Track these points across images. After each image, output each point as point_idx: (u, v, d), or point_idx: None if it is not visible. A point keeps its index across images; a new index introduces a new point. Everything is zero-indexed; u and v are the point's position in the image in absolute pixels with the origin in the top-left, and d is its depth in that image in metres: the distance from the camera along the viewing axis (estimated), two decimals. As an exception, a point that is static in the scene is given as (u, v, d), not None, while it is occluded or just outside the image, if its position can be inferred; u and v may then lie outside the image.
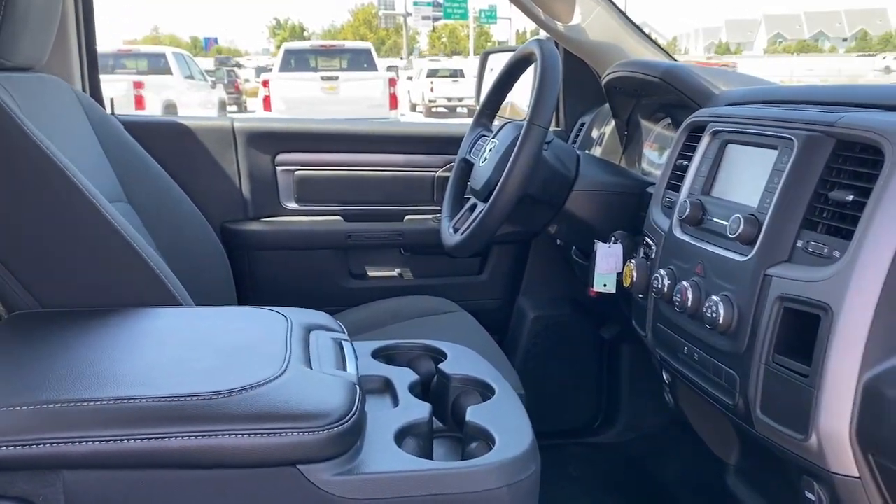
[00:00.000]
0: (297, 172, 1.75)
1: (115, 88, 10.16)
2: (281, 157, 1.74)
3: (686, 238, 1.07)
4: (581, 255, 1.55)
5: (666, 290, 1.06)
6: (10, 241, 0.98)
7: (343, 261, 1.80)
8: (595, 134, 1.74)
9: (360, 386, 0.83)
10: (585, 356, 1.87)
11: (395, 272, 1.85)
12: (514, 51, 1.49)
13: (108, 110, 1.66)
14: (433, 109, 18.45)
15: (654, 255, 1.16)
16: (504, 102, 1.60)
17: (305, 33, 55.80)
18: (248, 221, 1.73)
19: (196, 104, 11.48)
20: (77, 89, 1.37)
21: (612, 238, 1.32)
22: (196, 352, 0.85)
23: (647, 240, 1.20)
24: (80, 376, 0.76)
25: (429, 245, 1.73)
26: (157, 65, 11.46)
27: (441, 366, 1.02)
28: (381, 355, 1.06)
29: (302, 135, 1.77)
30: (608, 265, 1.30)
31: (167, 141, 1.64)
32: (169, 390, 0.74)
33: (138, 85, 10.26)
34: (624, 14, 1.65)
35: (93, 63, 1.62)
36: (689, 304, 0.99)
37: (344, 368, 0.87)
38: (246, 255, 1.72)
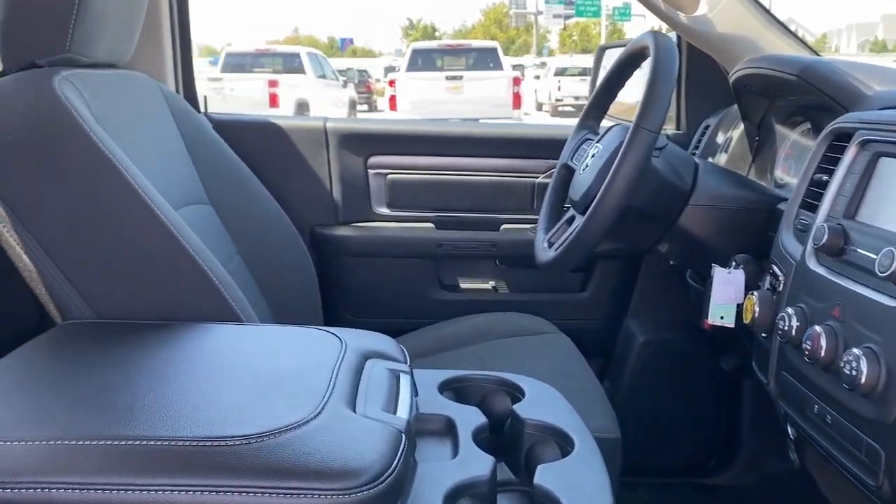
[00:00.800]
0: (389, 176, 1.66)
1: (252, 87, 10.63)
2: (373, 159, 1.66)
3: (822, 271, 0.88)
4: (696, 278, 1.37)
5: (794, 333, 0.87)
6: (69, 248, 0.94)
7: (433, 270, 1.69)
8: (720, 139, 1.53)
9: (409, 433, 0.71)
10: (701, 387, 1.66)
11: (489, 285, 1.73)
12: None
13: (202, 109, 1.63)
14: (560, 109, 18.13)
15: (781, 288, 0.97)
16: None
17: (437, 33, 56.56)
18: (338, 226, 1.65)
19: (327, 103, 11.83)
20: (165, 87, 1.33)
21: (733, 262, 1.13)
22: (231, 380, 0.77)
23: (775, 268, 1.01)
24: (93, 406, 0.69)
25: (526, 257, 1.59)
26: (292, 64, 11.89)
27: (517, 406, 0.89)
28: (449, 388, 0.94)
29: (396, 137, 1.68)
30: (726, 294, 1.11)
31: (257, 141, 1.59)
32: (186, 430, 0.65)
33: (272, 83, 10.68)
34: (759, 3, 1.44)
35: (186, 61, 1.59)
36: (823, 354, 0.80)
37: (394, 410, 0.76)
38: (334, 260, 1.65)
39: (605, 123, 1.41)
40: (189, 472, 0.61)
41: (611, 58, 1.89)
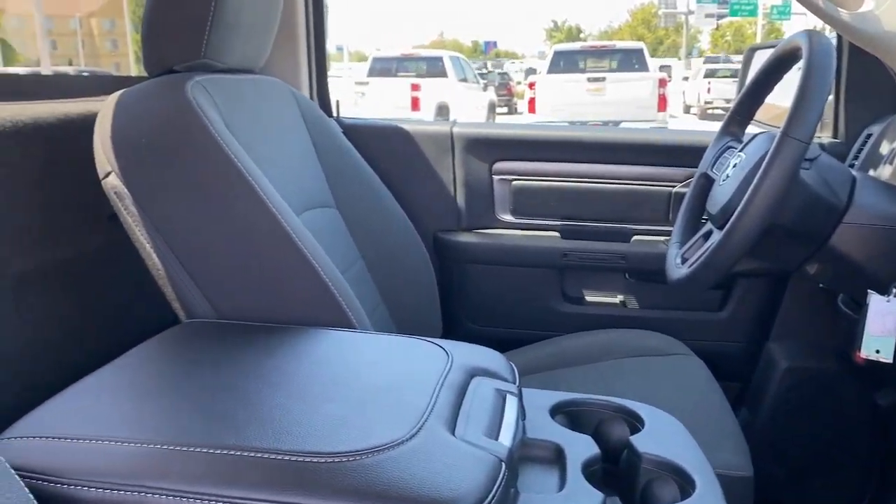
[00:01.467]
0: (514, 182, 1.62)
1: (396, 90, 10.92)
2: (499, 165, 1.62)
3: None
4: (850, 304, 1.23)
5: None
6: (195, 249, 0.97)
7: (557, 281, 1.63)
8: (885, 149, 1.37)
9: (510, 462, 0.67)
10: (851, 422, 1.50)
11: (617, 299, 1.64)
12: None
13: (334, 113, 1.66)
14: (709, 111, 17.34)
15: None
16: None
17: (581, 35, 55.75)
18: (461, 232, 1.63)
19: (467, 105, 11.95)
20: (298, 92, 1.36)
21: (894, 290, 1.00)
22: (333, 390, 0.75)
23: None
24: (197, 410, 0.70)
25: (658, 272, 1.50)
26: (435, 68, 12.10)
27: (635, 437, 0.82)
28: (562, 412, 0.89)
29: (522, 142, 1.63)
30: (884, 325, 0.99)
31: (385, 145, 1.59)
32: (282, 442, 0.64)
33: (415, 87, 10.92)
34: (937, -4, 1.27)
35: (321, 66, 1.62)
36: None
37: (497, 435, 0.72)
38: (456, 267, 1.63)
39: (752, 130, 1.30)
40: (278, 488, 0.60)
41: (761, 59, 1.75)
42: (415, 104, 10.93)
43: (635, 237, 1.59)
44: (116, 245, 1.09)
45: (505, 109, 18.97)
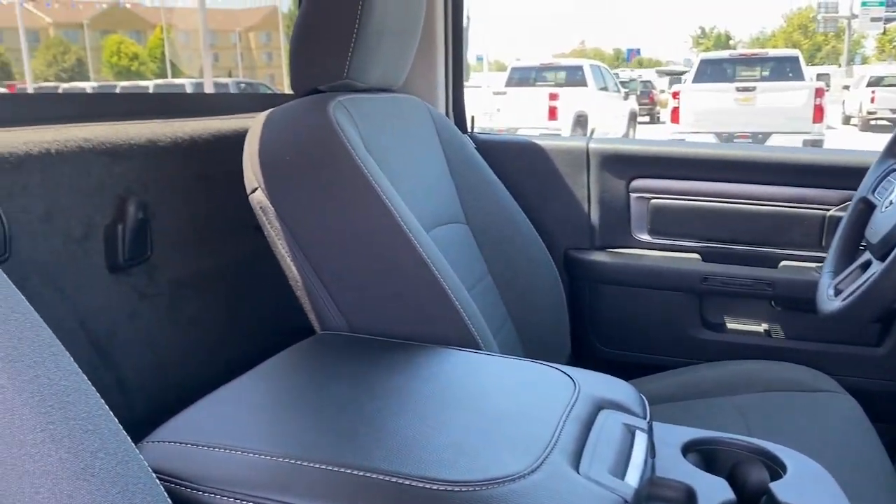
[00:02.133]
0: (652, 201, 1.56)
1: (533, 100, 10.90)
2: (637, 182, 1.57)
3: None
4: None
5: None
6: (330, 262, 1.01)
7: (696, 306, 1.55)
8: None
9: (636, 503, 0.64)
10: None
11: (761, 328, 1.54)
12: None
13: (469, 129, 1.67)
14: (871, 122, 16.07)
15: None
16: None
17: (731, 42, 53.35)
18: (594, 251, 1.59)
19: (607, 115, 11.74)
20: (434, 109, 1.38)
21: None
22: (455, 413, 0.75)
23: None
24: (324, 424, 0.71)
25: (808, 301, 1.40)
26: (575, 77, 11.97)
27: (775, 485, 0.76)
28: (695, 450, 0.84)
29: (662, 159, 1.57)
30: None
31: (518, 161, 1.58)
32: (402, 465, 0.64)
33: (553, 97, 10.84)
34: None
35: (457, 83, 1.64)
36: None
37: (623, 474, 0.69)
38: (587, 286, 1.59)
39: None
40: None
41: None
42: (552, 113, 10.85)
43: (783, 262, 1.49)
44: (260, 255, 1.15)
45: (647, 119, 18.46)
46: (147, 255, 1.07)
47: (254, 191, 1.04)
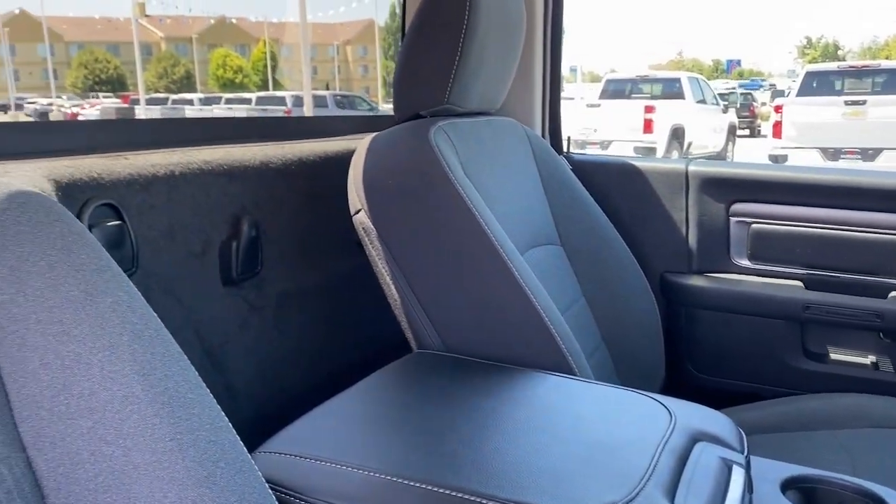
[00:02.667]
0: (753, 225, 1.52)
1: (628, 112, 10.73)
2: (737, 206, 1.53)
3: None
4: None
5: None
6: (428, 284, 1.04)
7: (797, 335, 1.50)
8: None
9: None
10: None
11: (868, 360, 1.48)
12: None
13: (565, 149, 1.68)
14: None
15: None
16: None
17: (839, 52, 50.94)
18: (691, 275, 1.56)
19: (704, 128, 11.42)
20: (531, 130, 1.40)
21: None
22: (551, 440, 0.76)
23: None
24: (422, 444, 0.74)
25: None
26: (671, 89, 11.72)
27: None
28: (795, 488, 0.82)
29: (765, 183, 1.52)
30: None
31: (614, 182, 1.58)
32: (500, 489, 0.66)
33: (648, 109, 10.64)
34: None
35: (554, 104, 1.65)
36: None
37: None
38: (683, 310, 1.56)
39: None
40: None
41: None
42: (647, 126, 10.64)
43: (893, 293, 1.42)
44: (360, 270, 1.20)
45: (746, 132, 17.84)
46: (258, 269, 1.13)
47: (357, 212, 1.08)
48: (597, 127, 10.76)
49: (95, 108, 23.83)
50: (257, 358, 1.15)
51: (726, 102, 13.34)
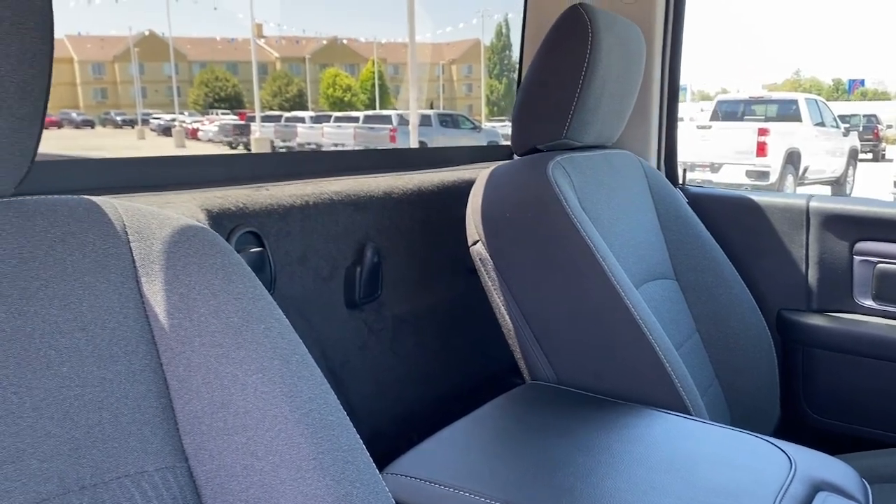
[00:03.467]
0: (879, 265, 1.46)
1: (740, 135, 10.39)
2: (862, 244, 1.47)
3: None
4: None
5: None
6: (543, 316, 1.06)
7: None
8: None
9: None
10: None
11: None
12: None
13: (680, 181, 1.66)
14: None
15: None
16: None
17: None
18: (811, 314, 1.51)
19: (822, 152, 10.92)
20: (646, 162, 1.40)
21: None
22: (666, 481, 0.77)
23: None
24: (540, 477, 0.76)
25: None
26: (788, 111, 11.27)
27: None
28: None
29: (894, 222, 1.46)
30: None
31: (731, 216, 1.55)
32: None
33: (762, 132, 10.26)
34: None
35: (671, 136, 1.64)
36: None
37: None
38: (801, 350, 1.51)
39: None
40: None
41: None
42: (761, 150, 10.26)
43: None
44: (472, 295, 1.23)
45: (869, 156, 16.91)
46: (378, 293, 1.19)
47: (475, 243, 1.12)
48: (706, 148, 10.47)
49: (214, 124, 25.19)
50: (374, 378, 1.21)
51: (847, 125, 12.71)
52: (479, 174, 1.17)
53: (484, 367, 1.45)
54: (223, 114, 34.99)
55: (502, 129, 20.08)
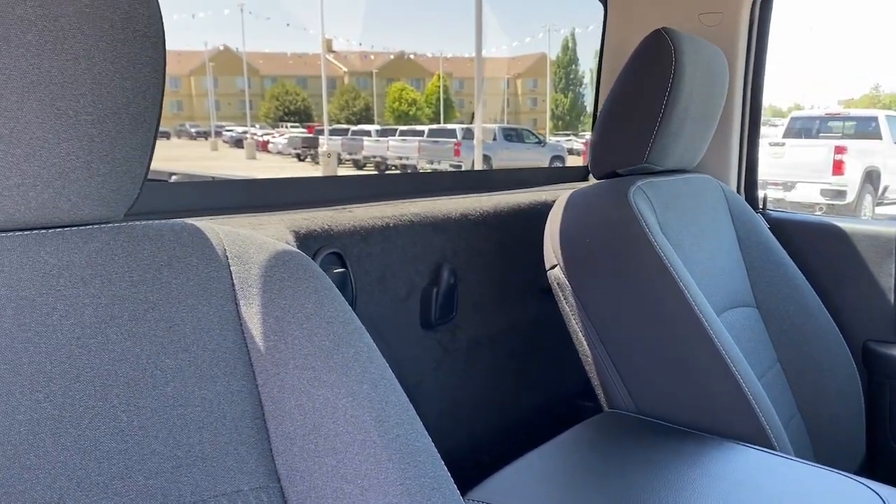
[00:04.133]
0: None
1: (815, 152, 10.07)
2: None
3: None
4: None
5: None
6: (622, 343, 1.05)
7: None
8: None
9: None
10: None
11: None
12: None
13: (761, 206, 1.62)
14: None
15: None
16: None
17: None
18: None
19: (901, 171, 10.50)
20: (727, 187, 1.37)
21: None
22: None
23: None
24: None
25: None
26: (866, 128, 10.87)
27: None
28: None
29: None
30: None
31: (815, 242, 1.51)
32: None
33: (839, 150, 9.93)
34: None
35: (752, 161, 1.61)
36: None
37: None
38: (888, 382, 1.45)
39: None
40: None
41: None
42: (837, 168, 9.92)
43: None
44: (547, 318, 1.23)
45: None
46: (453, 315, 1.19)
47: (553, 267, 1.12)
48: (780, 166, 10.18)
49: (283, 136, 25.79)
50: (448, 399, 1.21)
51: (931, 143, 12.16)
52: (558, 197, 1.16)
53: (556, 391, 1.43)
54: (292, 126, 35.81)
55: (567, 144, 19.93)
